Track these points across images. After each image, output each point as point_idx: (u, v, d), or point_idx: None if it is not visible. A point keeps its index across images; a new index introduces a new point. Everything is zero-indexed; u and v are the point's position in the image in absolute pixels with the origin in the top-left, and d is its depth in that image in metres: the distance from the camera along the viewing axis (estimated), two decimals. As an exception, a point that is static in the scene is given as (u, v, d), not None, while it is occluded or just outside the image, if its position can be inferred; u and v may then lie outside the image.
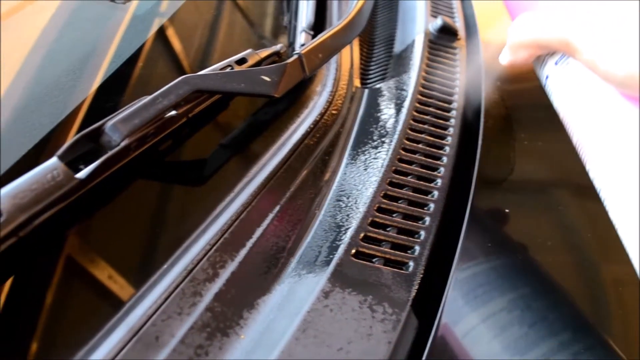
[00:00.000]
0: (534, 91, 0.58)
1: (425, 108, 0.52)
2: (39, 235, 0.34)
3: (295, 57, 0.48)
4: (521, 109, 0.58)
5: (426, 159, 0.47)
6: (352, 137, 0.50)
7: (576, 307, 0.40)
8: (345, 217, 0.42)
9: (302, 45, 0.52)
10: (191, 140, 0.45)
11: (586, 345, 0.36)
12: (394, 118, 0.51)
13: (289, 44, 0.61)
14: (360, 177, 0.45)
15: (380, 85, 0.57)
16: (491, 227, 0.44)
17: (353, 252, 0.39)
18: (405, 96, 0.53)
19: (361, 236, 0.40)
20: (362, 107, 0.55)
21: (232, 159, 0.46)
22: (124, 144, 0.37)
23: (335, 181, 0.46)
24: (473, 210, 0.43)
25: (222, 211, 0.40)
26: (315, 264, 0.38)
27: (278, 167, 0.44)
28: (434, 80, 0.56)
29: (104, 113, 0.38)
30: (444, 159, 0.48)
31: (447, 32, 0.63)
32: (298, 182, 0.45)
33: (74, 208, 0.36)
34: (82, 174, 0.35)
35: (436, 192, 0.44)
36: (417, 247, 0.40)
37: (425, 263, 0.39)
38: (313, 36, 0.56)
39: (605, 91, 0.36)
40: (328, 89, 0.54)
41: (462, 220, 0.42)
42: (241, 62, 0.48)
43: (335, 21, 0.64)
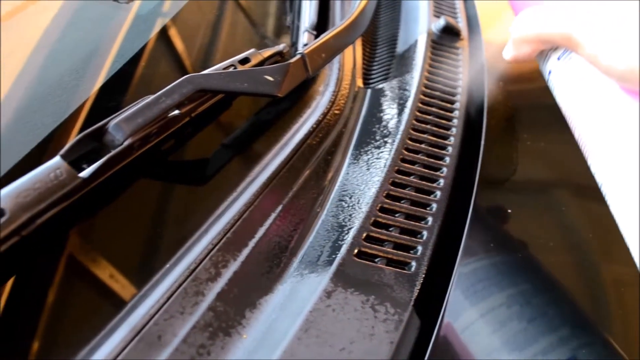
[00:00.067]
0: (537, 91, 0.58)
1: (428, 108, 0.52)
2: (41, 234, 0.34)
3: (299, 56, 0.48)
4: (524, 109, 0.58)
5: (429, 159, 0.47)
6: (355, 137, 0.50)
7: (576, 303, 0.40)
8: (348, 216, 0.42)
9: (305, 45, 0.52)
10: (194, 139, 0.45)
11: (585, 341, 0.36)
12: (397, 118, 0.51)
13: (292, 43, 0.61)
14: (362, 177, 0.45)
15: (383, 85, 0.57)
16: (493, 226, 0.44)
17: (355, 252, 0.39)
18: (408, 96, 0.53)
19: (364, 236, 0.40)
20: (364, 107, 0.55)
21: (235, 158, 0.46)
22: (127, 143, 0.37)
23: (338, 181, 0.45)
24: (475, 210, 0.43)
25: (225, 211, 0.40)
26: (318, 264, 0.38)
27: (280, 167, 0.44)
28: (436, 81, 0.56)
29: (106, 112, 0.38)
30: (447, 159, 0.48)
31: (449, 32, 0.63)
32: (300, 181, 0.45)
33: (77, 207, 0.36)
34: (85, 173, 0.35)
35: (439, 192, 0.44)
36: (420, 247, 0.40)
37: (428, 263, 0.39)
38: (316, 36, 0.56)
39: (607, 86, 0.36)
40: (331, 89, 0.54)
41: (464, 221, 0.42)
42: (244, 61, 0.48)
43: (338, 21, 0.64)
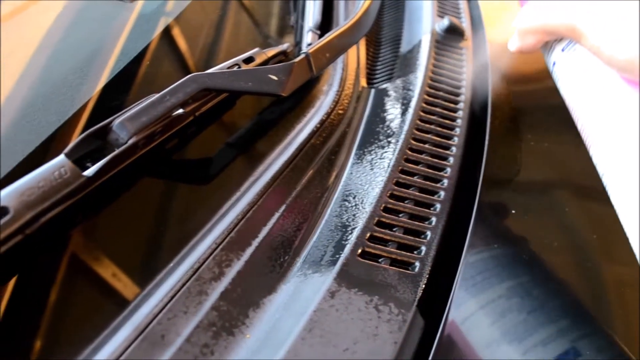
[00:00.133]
0: (541, 92, 0.58)
1: (432, 108, 0.52)
2: (45, 232, 0.34)
3: (303, 56, 0.48)
4: (528, 110, 0.58)
5: (433, 159, 0.47)
6: (359, 137, 0.50)
7: (575, 295, 0.40)
8: (352, 216, 0.42)
9: (309, 44, 0.52)
10: (198, 138, 0.45)
11: (585, 332, 0.36)
12: (401, 118, 0.51)
13: (296, 43, 0.61)
14: (366, 176, 0.45)
15: (387, 85, 0.57)
16: (496, 226, 0.44)
17: (359, 252, 0.38)
18: (412, 96, 0.53)
19: (367, 236, 0.40)
20: (368, 106, 0.55)
21: (239, 157, 0.46)
22: (131, 141, 0.37)
23: (342, 181, 0.45)
24: (479, 211, 0.43)
25: (228, 210, 0.40)
26: (322, 264, 0.38)
27: (284, 167, 0.44)
28: (440, 81, 0.56)
29: (110, 111, 0.38)
30: (451, 159, 0.48)
31: (453, 32, 0.63)
32: (304, 181, 0.44)
33: (81, 205, 0.36)
34: (89, 171, 0.35)
35: (443, 192, 0.44)
36: (424, 248, 0.40)
37: (432, 263, 0.39)
38: (320, 36, 0.56)
39: (609, 76, 0.37)
40: (334, 89, 0.54)
41: (468, 221, 0.42)
42: (248, 60, 0.48)
43: (342, 21, 0.64)
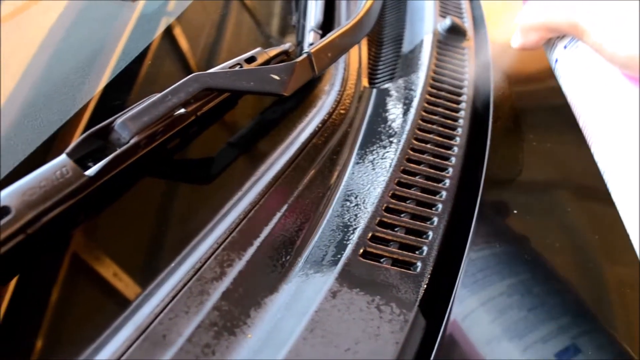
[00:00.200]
0: (543, 92, 0.58)
1: (433, 108, 0.52)
2: (46, 232, 0.34)
3: (305, 56, 0.48)
4: (530, 110, 0.58)
5: (434, 160, 0.47)
6: (360, 137, 0.50)
7: (576, 293, 0.40)
8: (353, 216, 0.42)
9: (311, 44, 0.52)
10: (199, 138, 0.45)
11: (585, 329, 0.36)
12: (402, 118, 0.51)
13: (298, 43, 0.61)
14: (368, 176, 0.45)
15: (389, 85, 0.57)
16: (498, 226, 0.44)
17: (361, 252, 0.38)
18: (414, 96, 0.53)
19: (369, 236, 0.40)
20: (370, 106, 0.55)
21: (240, 157, 0.46)
22: (133, 141, 0.37)
23: (343, 180, 0.45)
24: (481, 211, 0.43)
25: (230, 210, 0.40)
26: (323, 264, 0.38)
27: (286, 166, 0.44)
28: (442, 80, 0.56)
29: (112, 111, 0.38)
30: (453, 159, 0.48)
31: (455, 32, 0.62)
32: (306, 181, 0.44)
33: (82, 205, 0.36)
34: (91, 171, 0.35)
35: (444, 193, 0.44)
36: (425, 248, 0.40)
37: (433, 263, 0.39)
38: (322, 35, 0.56)
39: (611, 73, 0.37)
40: (336, 89, 0.54)
41: (470, 221, 0.42)
42: (250, 60, 0.48)
43: (344, 21, 0.64)
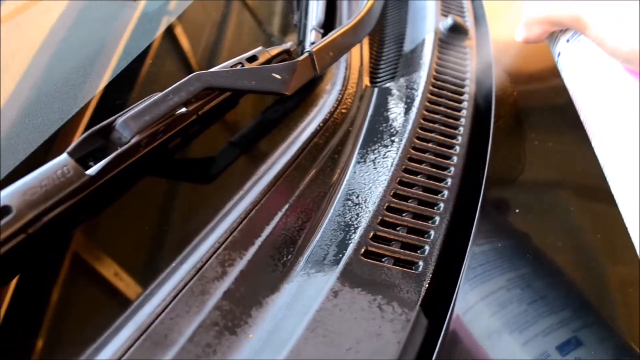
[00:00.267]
0: (545, 91, 0.58)
1: (435, 107, 0.52)
2: (47, 232, 0.34)
3: (306, 55, 0.48)
4: (532, 109, 0.57)
5: (436, 158, 0.47)
6: (362, 136, 0.50)
7: (576, 287, 0.40)
8: (355, 216, 0.41)
9: (313, 43, 0.52)
10: (200, 137, 0.45)
11: (586, 322, 0.36)
12: (404, 117, 0.51)
13: (299, 42, 0.61)
14: (369, 176, 0.45)
15: (390, 84, 0.57)
16: (500, 225, 0.44)
17: (362, 251, 0.38)
18: (416, 95, 0.53)
19: (371, 235, 0.39)
20: (371, 106, 0.54)
21: (242, 156, 0.46)
22: (134, 140, 0.37)
23: (345, 180, 0.45)
24: (483, 210, 0.43)
25: (231, 209, 0.40)
26: (325, 263, 0.38)
27: (287, 166, 0.44)
28: (444, 79, 0.56)
29: (113, 110, 0.38)
30: (454, 158, 0.47)
31: (457, 31, 0.62)
32: (307, 180, 0.44)
33: (83, 205, 0.36)
34: (92, 170, 0.35)
35: (446, 192, 0.44)
36: (427, 247, 0.40)
37: (435, 263, 0.39)
38: (323, 34, 0.55)
39: (613, 67, 0.37)
40: (338, 88, 0.54)
41: (472, 220, 0.42)
42: (252, 59, 0.48)
43: (346, 20, 0.64)
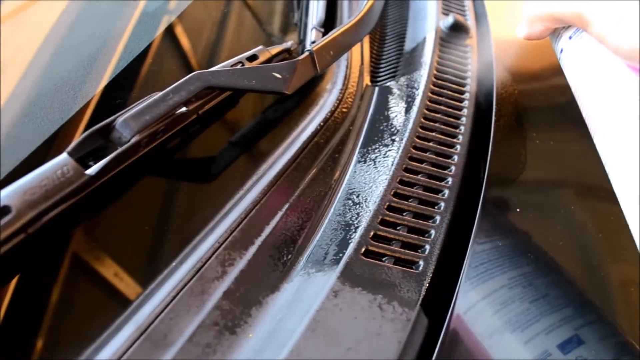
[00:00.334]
0: (546, 90, 0.58)
1: (436, 106, 0.52)
2: (47, 231, 0.34)
3: (307, 54, 0.48)
4: (533, 108, 0.57)
5: (437, 158, 0.47)
6: (362, 135, 0.50)
7: (578, 285, 0.40)
8: (355, 215, 0.41)
9: (313, 42, 0.52)
10: (201, 137, 0.45)
11: (587, 320, 0.36)
12: (405, 116, 0.51)
13: (299, 41, 0.60)
14: (370, 175, 0.45)
15: (391, 83, 0.57)
16: (501, 224, 0.44)
17: (363, 250, 0.38)
18: (416, 94, 0.53)
19: (371, 235, 0.39)
20: (372, 105, 0.54)
21: (242, 156, 0.46)
22: (134, 140, 0.37)
23: (345, 179, 0.45)
24: (484, 209, 0.42)
25: (231, 209, 0.40)
26: (325, 263, 0.38)
27: (288, 165, 0.44)
28: (445, 79, 0.55)
29: (113, 110, 0.38)
30: (455, 157, 0.47)
31: (458, 29, 0.62)
32: (308, 180, 0.44)
33: (83, 204, 0.36)
34: (92, 170, 0.35)
35: (447, 191, 0.44)
36: (428, 246, 0.39)
37: (436, 262, 0.39)
38: (324, 34, 0.55)
39: (615, 64, 0.37)
40: (338, 87, 0.54)
41: (473, 220, 0.42)
42: (252, 58, 0.48)
43: (346, 19, 0.64)
